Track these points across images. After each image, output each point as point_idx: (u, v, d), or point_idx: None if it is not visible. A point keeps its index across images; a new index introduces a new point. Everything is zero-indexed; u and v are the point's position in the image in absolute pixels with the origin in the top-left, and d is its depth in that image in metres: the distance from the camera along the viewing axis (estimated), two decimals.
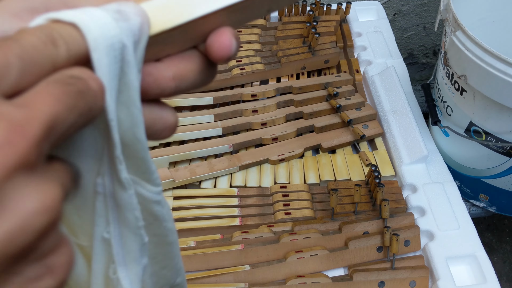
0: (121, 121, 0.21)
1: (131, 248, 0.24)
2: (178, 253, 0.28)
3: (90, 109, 0.18)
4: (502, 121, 0.70)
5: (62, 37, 0.18)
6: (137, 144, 0.22)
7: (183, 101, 0.76)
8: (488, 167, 0.79)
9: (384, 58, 0.87)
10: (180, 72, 0.23)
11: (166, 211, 0.25)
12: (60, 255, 0.18)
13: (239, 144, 0.72)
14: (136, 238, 0.24)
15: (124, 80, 0.20)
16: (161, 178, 0.66)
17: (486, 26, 0.84)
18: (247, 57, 0.82)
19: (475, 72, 0.67)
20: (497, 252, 1.17)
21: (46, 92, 0.17)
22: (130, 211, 0.23)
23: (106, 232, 0.23)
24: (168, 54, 0.23)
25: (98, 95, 0.19)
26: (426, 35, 1.29)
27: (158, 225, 0.25)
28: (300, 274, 0.60)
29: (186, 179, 0.67)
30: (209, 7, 0.22)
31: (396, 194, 0.68)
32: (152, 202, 0.24)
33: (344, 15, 0.93)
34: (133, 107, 0.21)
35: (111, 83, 0.20)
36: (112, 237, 0.23)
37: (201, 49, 0.23)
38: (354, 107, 0.78)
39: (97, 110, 0.19)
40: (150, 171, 0.23)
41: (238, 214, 0.65)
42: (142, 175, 0.23)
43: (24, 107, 0.16)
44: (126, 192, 0.22)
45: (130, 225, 0.23)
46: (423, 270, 0.60)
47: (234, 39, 0.23)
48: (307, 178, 0.70)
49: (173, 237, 0.26)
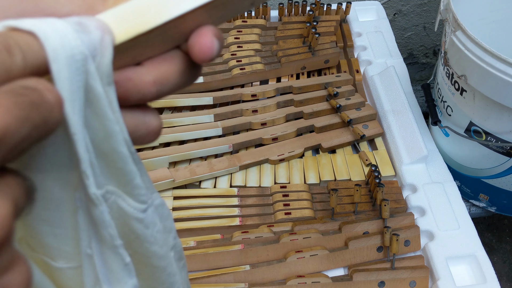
0: (95, 131, 0.20)
1: (113, 267, 0.23)
2: (173, 280, 0.26)
3: (45, 121, 0.17)
4: (502, 121, 0.70)
5: (18, 45, 0.17)
6: (114, 154, 0.21)
7: (183, 101, 0.76)
8: (488, 167, 0.79)
9: (384, 58, 0.87)
10: (161, 75, 0.22)
11: (151, 232, 0.24)
12: (15, 274, 0.17)
13: (239, 144, 0.72)
14: (116, 257, 0.23)
15: (91, 92, 0.20)
16: (161, 178, 0.66)
17: (486, 26, 0.84)
18: (247, 57, 0.82)
19: (475, 72, 0.67)
20: (497, 252, 1.17)
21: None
22: (104, 228, 0.22)
23: (89, 248, 0.22)
24: (149, 57, 0.22)
25: (55, 107, 0.17)
26: (426, 35, 1.29)
27: (139, 245, 0.24)
28: (300, 274, 0.60)
29: (186, 179, 0.68)
30: (185, 6, 0.21)
31: (396, 194, 0.68)
32: (133, 219, 0.23)
33: (344, 15, 0.93)
34: (105, 119, 0.20)
35: (73, 95, 0.19)
36: (94, 254, 0.22)
37: (184, 48, 0.22)
38: (354, 107, 0.78)
39: (54, 122, 0.18)
40: (132, 184, 0.22)
41: (238, 214, 0.65)
42: (123, 187, 0.22)
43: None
44: (97, 208, 0.21)
45: (107, 243, 0.22)
46: (423, 270, 0.60)
47: (215, 39, 0.22)
48: (307, 178, 0.70)
49: (159, 263, 0.25)
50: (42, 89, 0.17)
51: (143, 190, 0.23)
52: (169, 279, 0.26)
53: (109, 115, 0.20)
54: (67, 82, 0.18)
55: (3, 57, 0.17)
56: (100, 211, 0.21)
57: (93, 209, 0.21)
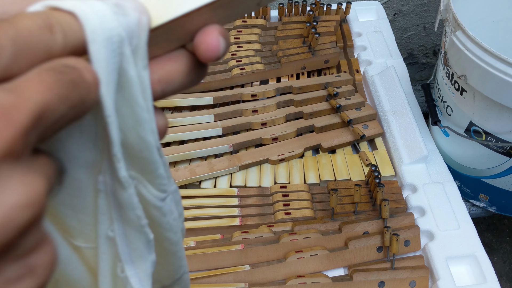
0: (124, 118, 0.20)
1: (137, 245, 0.23)
2: (181, 264, 0.27)
3: (82, 101, 0.17)
4: (502, 121, 0.70)
5: (60, 25, 0.18)
6: (141, 143, 0.21)
7: (183, 101, 0.76)
8: (488, 167, 0.79)
9: (384, 58, 0.87)
10: (166, 74, 0.22)
11: (167, 220, 0.24)
12: (42, 255, 0.17)
13: (239, 144, 0.72)
14: (140, 236, 0.23)
15: (124, 76, 0.20)
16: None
17: (486, 26, 0.84)
18: (247, 57, 0.82)
19: (475, 72, 0.67)
20: (497, 252, 1.17)
21: (38, 79, 0.16)
22: (131, 210, 0.22)
23: (110, 231, 0.23)
24: (154, 56, 0.22)
25: (92, 88, 0.18)
26: (426, 35, 1.29)
27: (154, 229, 0.24)
28: (300, 274, 0.60)
29: (186, 179, 0.68)
30: (190, 5, 0.20)
31: (396, 194, 0.68)
32: (151, 206, 0.23)
33: (344, 15, 0.93)
34: (135, 105, 0.20)
35: (108, 77, 0.19)
36: (117, 235, 0.23)
37: (190, 48, 0.22)
38: (354, 107, 0.78)
39: (90, 103, 0.18)
40: (155, 174, 0.22)
41: (238, 214, 0.65)
42: (145, 175, 0.22)
43: (13, 93, 0.16)
44: (126, 191, 0.21)
45: (133, 223, 0.23)
46: (423, 270, 0.60)
47: (222, 38, 0.21)
48: (307, 178, 0.70)
49: (170, 247, 0.26)
50: (82, 68, 0.18)
51: (165, 180, 0.23)
52: (177, 262, 0.27)
53: (140, 102, 0.20)
54: (104, 63, 0.19)
55: (45, 36, 0.17)
56: (129, 194, 0.22)
57: (121, 192, 0.21)
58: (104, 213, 0.22)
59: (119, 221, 0.23)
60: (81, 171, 0.21)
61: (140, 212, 0.22)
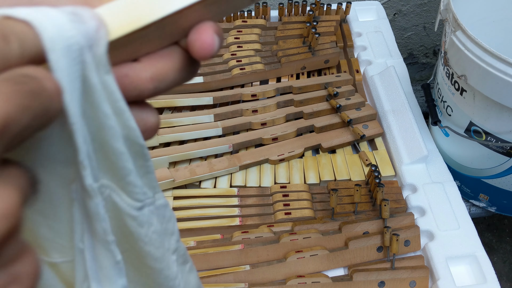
0: (92, 125, 0.20)
1: (104, 263, 0.22)
2: (172, 284, 0.25)
3: (45, 110, 0.17)
4: (502, 121, 0.70)
5: (15, 34, 0.17)
6: (108, 148, 0.21)
7: (183, 101, 0.76)
8: (488, 167, 0.79)
9: (384, 58, 0.87)
10: (159, 71, 0.21)
11: (145, 232, 0.23)
12: (25, 264, 0.17)
13: (239, 144, 0.72)
14: (107, 254, 0.22)
15: (87, 84, 0.19)
16: (161, 178, 0.66)
17: (486, 26, 0.84)
18: (247, 57, 0.82)
19: (475, 72, 0.67)
20: (497, 252, 1.17)
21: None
22: (97, 221, 0.21)
23: (81, 242, 0.22)
24: (146, 53, 0.21)
25: (54, 96, 0.17)
26: (426, 35, 1.29)
27: (133, 243, 0.23)
28: (300, 274, 0.60)
29: (186, 179, 0.68)
30: (182, 1, 0.20)
31: (396, 194, 0.68)
32: (126, 215, 0.22)
33: (344, 15, 0.93)
34: (99, 112, 0.20)
35: (72, 85, 0.19)
36: (86, 248, 0.22)
37: (183, 44, 0.22)
38: (354, 107, 0.78)
39: (54, 112, 0.17)
40: (125, 180, 0.22)
41: (238, 214, 0.65)
42: (118, 182, 0.22)
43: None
44: (92, 200, 0.21)
45: (100, 237, 0.22)
46: (423, 270, 0.60)
47: (216, 36, 0.21)
48: (307, 178, 0.70)
49: (154, 264, 0.24)
50: (42, 77, 0.17)
51: (138, 188, 0.22)
52: (166, 283, 0.25)
53: (104, 109, 0.20)
54: (65, 72, 0.18)
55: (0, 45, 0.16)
56: (95, 203, 0.21)
57: (88, 201, 0.21)
58: (78, 222, 0.22)
59: (88, 233, 0.22)
60: (52, 179, 0.21)
61: (106, 225, 0.22)
